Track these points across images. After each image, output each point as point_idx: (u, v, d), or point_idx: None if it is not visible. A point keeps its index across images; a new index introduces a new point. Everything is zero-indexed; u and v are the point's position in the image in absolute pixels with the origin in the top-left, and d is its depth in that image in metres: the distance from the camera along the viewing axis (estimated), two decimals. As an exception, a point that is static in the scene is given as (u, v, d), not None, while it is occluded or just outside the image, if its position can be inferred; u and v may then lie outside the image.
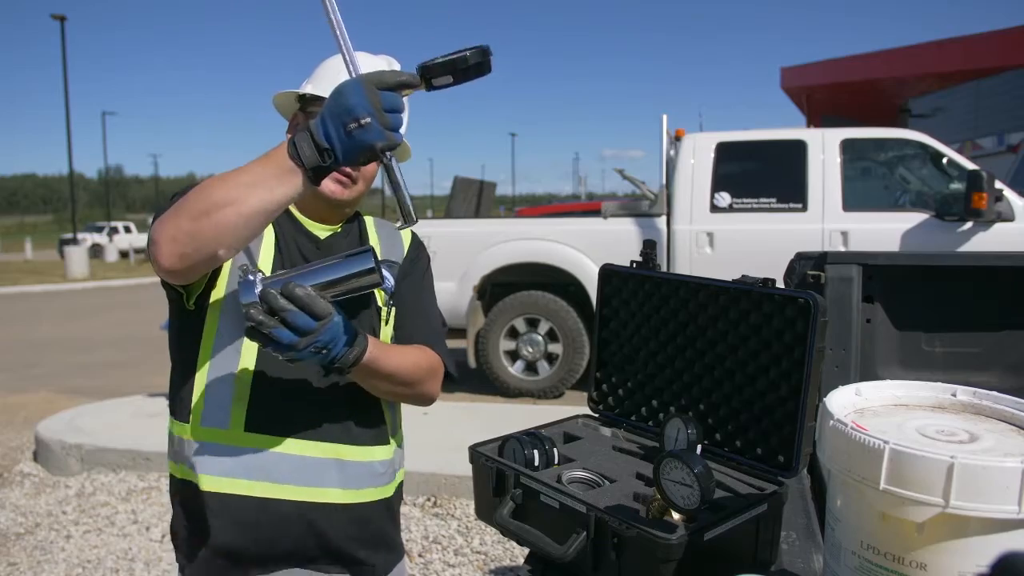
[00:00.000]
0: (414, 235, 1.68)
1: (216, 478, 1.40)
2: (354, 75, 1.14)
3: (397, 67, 1.51)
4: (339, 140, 1.08)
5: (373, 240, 1.60)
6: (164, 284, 1.36)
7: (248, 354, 1.41)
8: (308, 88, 1.49)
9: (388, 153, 1.11)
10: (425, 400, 1.55)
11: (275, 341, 1.13)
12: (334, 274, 1.21)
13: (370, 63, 1.50)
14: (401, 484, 1.62)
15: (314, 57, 1.57)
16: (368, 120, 1.06)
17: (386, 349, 1.39)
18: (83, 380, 8.09)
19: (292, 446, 1.41)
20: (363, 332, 1.32)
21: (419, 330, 1.56)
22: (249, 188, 1.11)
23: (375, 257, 1.21)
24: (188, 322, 1.43)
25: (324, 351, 1.19)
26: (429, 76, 1.12)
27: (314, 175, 1.11)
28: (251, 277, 1.13)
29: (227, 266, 1.41)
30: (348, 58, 1.18)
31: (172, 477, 1.48)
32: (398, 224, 1.25)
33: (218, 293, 1.41)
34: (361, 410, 1.48)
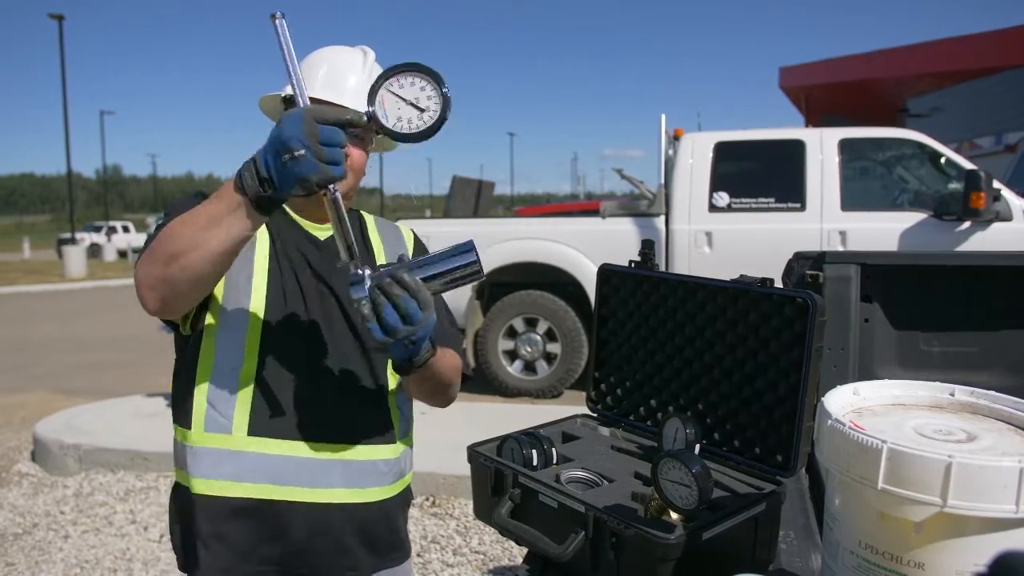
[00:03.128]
0: (416, 236, 1.69)
1: (221, 482, 1.40)
2: (301, 104, 1.16)
3: (372, 56, 1.53)
4: (275, 170, 1.10)
5: (375, 238, 1.61)
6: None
7: (250, 359, 1.41)
8: (288, 89, 1.50)
9: (332, 187, 1.14)
10: (450, 401, 1.58)
11: (380, 322, 1.13)
12: (441, 267, 1.21)
13: (345, 57, 1.52)
14: (409, 487, 1.62)
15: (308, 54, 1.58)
16: (302, 152, 1.07)
17: (438, 353, 1.40)
18: (81, 380, 8.09)
19: (296, 448, 1.42)
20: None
21: (439, 333, 1.56)
22: (206, 230, 1.15)
23: (475, 249, 1.22)
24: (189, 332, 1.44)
25: (412, 345, 1.20)
26: (372, 119, 1.14)
27: (259, 206, 1.13)
28: (359, 271, 1.15)
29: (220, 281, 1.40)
30: (296, 86, 1.19)
31: (177, 484, 1.48)
32: (339, 264, 1.25)
33: (215, 304, 1.41)
34: (362, 410, 1.49)
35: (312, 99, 1.46)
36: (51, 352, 9.97)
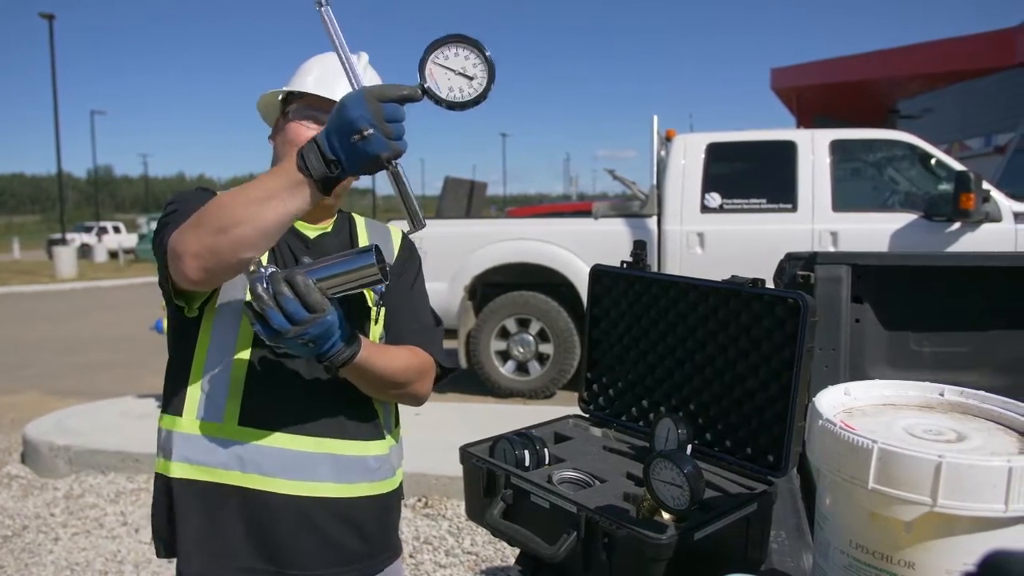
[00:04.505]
0: (404, 235, 1.69)
1: (211, 469, 1.42)
2: (356, 87, 1.17)
3: (365, 58, 1.54)
4: (344, 151, 1.12)
5: (363, 240, 1.61)
6: (169, 293, 1.37)
7: (243, 349, 1.43)
8: (285, 88, 1.52)
9: (394, 160, 1.15)
10: (416, 400, 1.56)
11: (266, 322, 1.15)
12: (336, 270, 1.22)
13: (338, 61, 1.52)
14: (401, 484, 1.63)
15: (306, 57, 1.57)
16: (371, 132, 1.10)
17: (379, 351, 1.41)
18: (72, 381, 8.05)
19: (285, 440, 1.43)
20: (359, 334, 1.33)
21: (410, 331, 1.57)
22: (263, 203, 1.15)
23: (378, 255, 1.22)
24: (185, 321, 1.45)
25: (311, 344, 1.21)
26: (426, 92, 1.15)
27: (323, 186, 1.15)
28: (262, 270, 1.17)
29: None
30: (350, 70, 1.21)
31: (159, 474, 1.48)
32: (407, 229, 1.28)
33: (213, 296, 1.43)
34: (354, 405, 1.49)
35: (304, 96, 1.48)
36: (42, 353, 9.92)
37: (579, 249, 6.57)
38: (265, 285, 1.14)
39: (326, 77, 1.50)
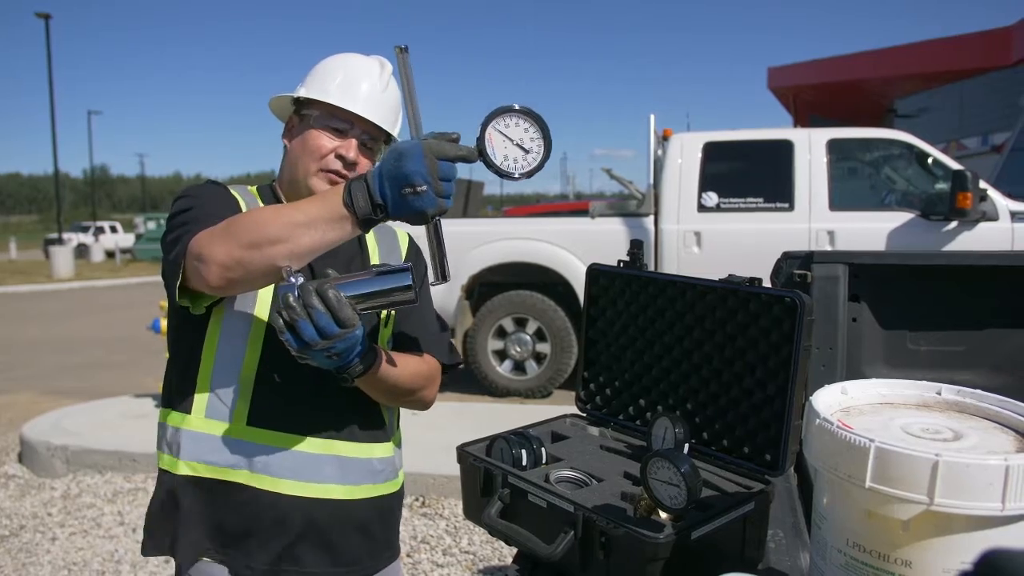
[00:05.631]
0: (411, 240, 1.70)
1: (219, 468, 1.43)
2: (417, 136, 1.18)
3: (389, 69, 1.53)
4: (393, 200, 1.14)
5: (370, 242, 1.62)
6: (176, 290, 1.35)
7: (253, 350, 1.43)
8: (302, 92, 1.51)
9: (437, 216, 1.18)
10: (423, 405, 1.59)
11: (295, 333, 1.14)
12: (370, 287, 1.21)
13: (361, 64, 1.51)
14: (402, 486, 1.64)
15: (302, 57, 1.59)
16: (424, 188, 1.11)
17: (391, 360, 1.42)
18: (69, 381, 8.03)
19: (294, 442, 1.44)
20: (375, 346, 1.35)
21: (418, 337, 1.58)
22: (302, 228, 1.17)
23: (413, 275, 1.22)
24: (191, 318, 1.44)
25: (336, 357, 1.22)
26: (482, 155, 1.18)
27: (364, 224, 1.17)
28: (292, 280, 1.16)
29: None
30: (414, 119, 1.23)
31: (164, 471, 1.48)
32: (431, 279, 1.31)
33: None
34: (361, 409, 1.50)
35: (325, 104, 1.47)
36: (38, 353, 9.89)
37: (576, 248, 6.57)
38: (296, 295, 1.13)
39: (349, 85, 1.48)
